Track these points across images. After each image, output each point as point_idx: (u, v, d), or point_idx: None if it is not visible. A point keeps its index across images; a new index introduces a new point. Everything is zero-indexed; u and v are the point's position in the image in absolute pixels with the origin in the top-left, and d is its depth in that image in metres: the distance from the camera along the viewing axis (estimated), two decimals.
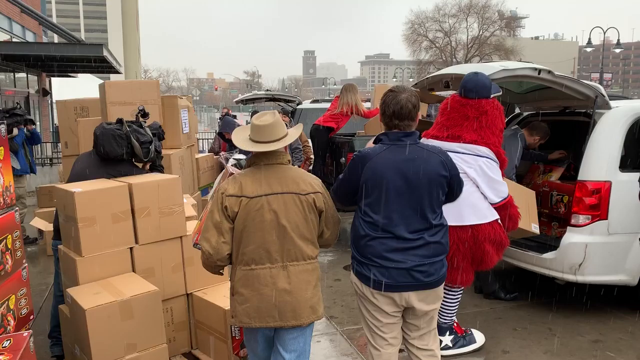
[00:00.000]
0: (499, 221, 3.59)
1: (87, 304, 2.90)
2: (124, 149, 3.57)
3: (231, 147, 6.41)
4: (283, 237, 2.50)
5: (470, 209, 3.51)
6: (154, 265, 3.45)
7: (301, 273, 2.53)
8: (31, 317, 2.67)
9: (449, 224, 2.93)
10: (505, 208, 3.63)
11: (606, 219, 4.14)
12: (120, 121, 3.66)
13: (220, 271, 2.69)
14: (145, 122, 3.92)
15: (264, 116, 2.61)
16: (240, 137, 2.65)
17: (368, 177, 2.67)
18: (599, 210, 4.13)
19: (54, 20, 28.34)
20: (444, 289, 3.70)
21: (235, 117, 11.99)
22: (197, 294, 3.62)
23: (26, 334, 2.21)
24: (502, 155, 3.66)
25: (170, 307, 3.55)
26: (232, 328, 3.36)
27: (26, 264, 2.67)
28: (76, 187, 3.22)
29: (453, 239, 3.42)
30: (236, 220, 2.49)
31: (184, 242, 3.59)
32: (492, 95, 3.65)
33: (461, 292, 3.86)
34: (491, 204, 3.59)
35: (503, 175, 3.71)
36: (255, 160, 2.60)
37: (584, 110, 4.78)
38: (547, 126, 4.99)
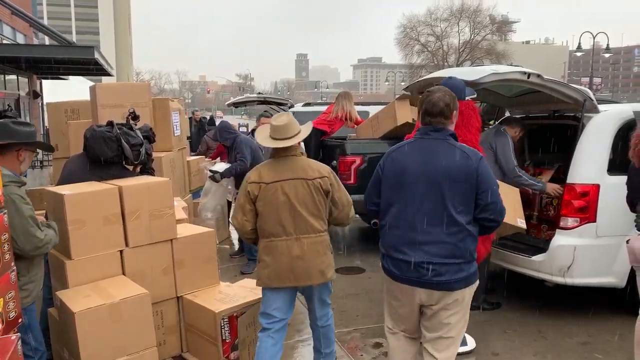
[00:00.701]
0: None
1: (77, 307, 2.89)
2: (115, 151, 3.56)
3: (229, 152, 6.32)
4: (295, 215, 3.06)
5: None
6: (144, 268, 3.43)
7: (312, 244, 3.09)
8: (19, 320, 2.65)
9: None
10: None
11: (594, 221, 4.18)
12: (110, 124, 3.65)
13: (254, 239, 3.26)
14: (135, 124, 3.91)
15: (281, 117, 3.24)
16: (262, 135, 3.28)
17: (388, 166, 2.81)
18: (588, 213, 4.17)
19: (45, 22, 28.18)
20: None
21: (211, 119, 11.95)
22: (188, 297, 3.61)
23: (14, 337, 2.20)
24: (481, 151, 3.72)
25: (161, 310, 3.54)
26: (223, 331, 3.35)
27: (14, 267, 2.65)
28: (66, 190, 3.20)
29: None
30: (257, 202, 3.10)
31: (174, 245, 3.59)
32: (466, 98, 3.79)
33: None
34: None
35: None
36: (274, 153, 3.21)
37: (572, 114, 4.82)
38: (538, 129, 5.04)
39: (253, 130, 8.07)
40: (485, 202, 2.61)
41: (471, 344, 3.97)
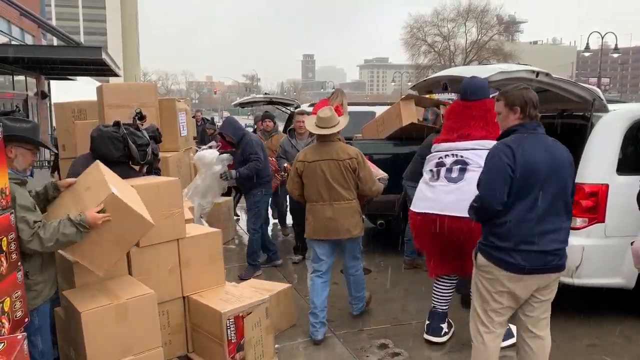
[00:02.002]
0: None
1: (83, 307, 2.90)
2: (121, 151, 3.56)
3: (236, 148, 5.88)
4: (329, 187, 4.08)
5: None
6: (150, 267, 3.44)
7: (341, 209, 4.09)
8: (26, 319, 2.65)
9: (465, 215, 3.17)
10: None
11: (603, 221, 4.14)
12: (117, 124, 3.66)
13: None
14: (142, 124, 3.92)
15: (325, 111, 4.18)
16: (310, 123, 4.27)
17: (519, 165, 2.79)
18: (596, 213, 4.12)
19: (54, 23, 28.34)
20: (444, 278, 4.03)
21: (211, 120, 11.91)
22: (194, 296, 3.61)
23: (20, 336, 2.20)
24: None
25: (167, 310, 3.54)
26: (228, 331, 3.35)
27: (21, 267, 2.65)
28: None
29: (468, 228, 3.56)
30: (302, 176, 4.18)
31: (181, 244, 3.59)
32: (491, 96, 3.85)
33: (456, 280, 4.08)
34: None
35: None
36: (317, 137, 4.25)
37: (581, 114, 4.78)
38: (546, 128, 4.98)
39: (254, 132, 8.06)
40: (574, 188, 2.99)
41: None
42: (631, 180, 4.22)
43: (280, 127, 8.62)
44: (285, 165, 5.80)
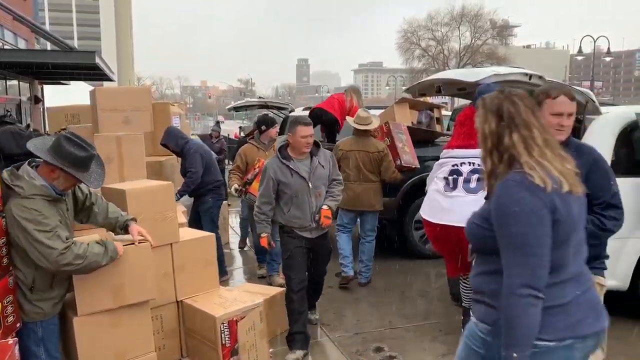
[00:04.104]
0: None
1: (76, 312, 2.87)
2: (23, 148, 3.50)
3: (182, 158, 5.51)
4: (359, 170, 5.26)
5: None
6: None
7: (367, 188, 5.28)
8: (17, 325, 2.63)
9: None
10: None
11: None
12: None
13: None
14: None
15: (364, 112, 5.41)
16: (350, 120, 5.55)
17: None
18: None
19: (47, 28, 28.26)
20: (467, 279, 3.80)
21: (217, 123, 11.80)
22: (188, 301, 3.60)
23: (11, 341, 2.19)
24: None
25: (160, 315, 3.52)
26: (222, 336, 3.33)
27: (13, 272, 2.63)
28: None
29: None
30: (340, 161, 5.16)
31: (175, 248, 3.57)
32: None
33: None
34: None
35: None
36: (355, 132, 5.37)
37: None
38: None
39: (248, 135, 7.86)
40: None
41: None
42: (625, 183, 4.23)
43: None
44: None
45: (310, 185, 3.88)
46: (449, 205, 3.77)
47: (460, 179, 3.80)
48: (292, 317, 3.89)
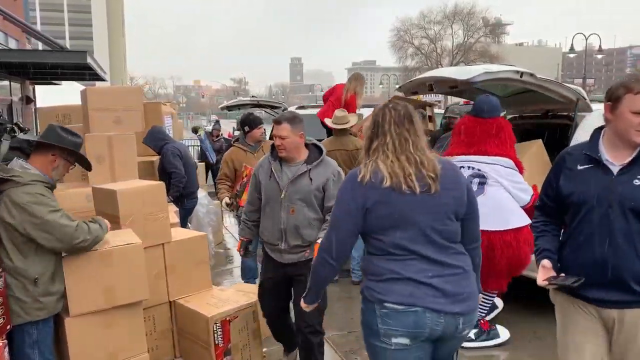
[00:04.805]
0: None
1: (68, 313, 2.85)
2: None
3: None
4: (341, 164, 4.55)
5: (510, 213, 3.79)
6: None
7: None
8: (8, 327, 2.61)
9: (495, 228, 3.48)
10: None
11: None
12: None
13: None
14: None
15: (340, 112, 5.49)
16: (328, 121, 5.61)
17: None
18: None
19: (39, 27, 28.11)
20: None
21: (217, 121, 11.86)
22: (180, 301, 3.58)
23: (1, 343, 2.17)
24: (520, 164, 3.98)
25: (153, 315, 3.50)
26: (215, 336, 3.32)
27: (3, 273, 2.61)
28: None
29: (498, 243, 3.69)
30: None
31: (167, 249, 3.55)
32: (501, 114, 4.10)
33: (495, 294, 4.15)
34: (524, 205, 3.86)
35: None
36: (334, 132, 5.47)
37: (566, 113, 4.82)
38: (531, 129, 5.04)
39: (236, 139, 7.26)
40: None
41: (504, 336, 4.13)
42: None
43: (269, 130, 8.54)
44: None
45: (282, 195, 3.19)
46: None
47: None
48: (274, 336, 3.70)
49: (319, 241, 2.89)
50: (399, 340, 2.13)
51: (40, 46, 20.34)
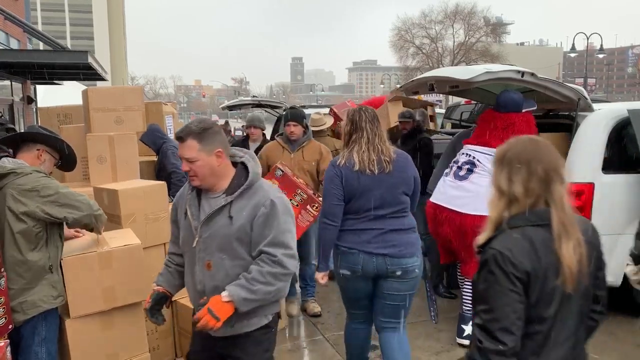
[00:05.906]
0: None
1: (68, 314, 2.85)
2: None
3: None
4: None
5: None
6: None
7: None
8: (10, 326, 2.61)
9: (467, 212, 3.77)
10: None
11: (590, 220, 4.16)
12: None
13: None
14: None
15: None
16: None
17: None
18: (583, 211, 4.15)
19: (40, 27, 28.12)
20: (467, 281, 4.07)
21: (225, 122, 11.86)
22: (181, 301, 3.58)
23: (2, 343, 2.17)
24: None
25: None
26: None
27: (4, 273, 2.61)
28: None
29: (470, 226, 3.76)
30: None
31: (167, 248, 3.55)
32: (524, 110, 4.13)
33: None
34: None
35: None
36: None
37: (567, 113, 4.82)
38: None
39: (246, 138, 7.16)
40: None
41: None
42: (617, 179, 4.25)
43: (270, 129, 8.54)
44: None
45: (194, 243, 2.31)
46: (442, 188, 4.19)
47: (455, 167, 4.18)
48: None
49: (223, 294, 2.23)
50: (344, 272, 3.05)
51: (42, 46, 20.38)
